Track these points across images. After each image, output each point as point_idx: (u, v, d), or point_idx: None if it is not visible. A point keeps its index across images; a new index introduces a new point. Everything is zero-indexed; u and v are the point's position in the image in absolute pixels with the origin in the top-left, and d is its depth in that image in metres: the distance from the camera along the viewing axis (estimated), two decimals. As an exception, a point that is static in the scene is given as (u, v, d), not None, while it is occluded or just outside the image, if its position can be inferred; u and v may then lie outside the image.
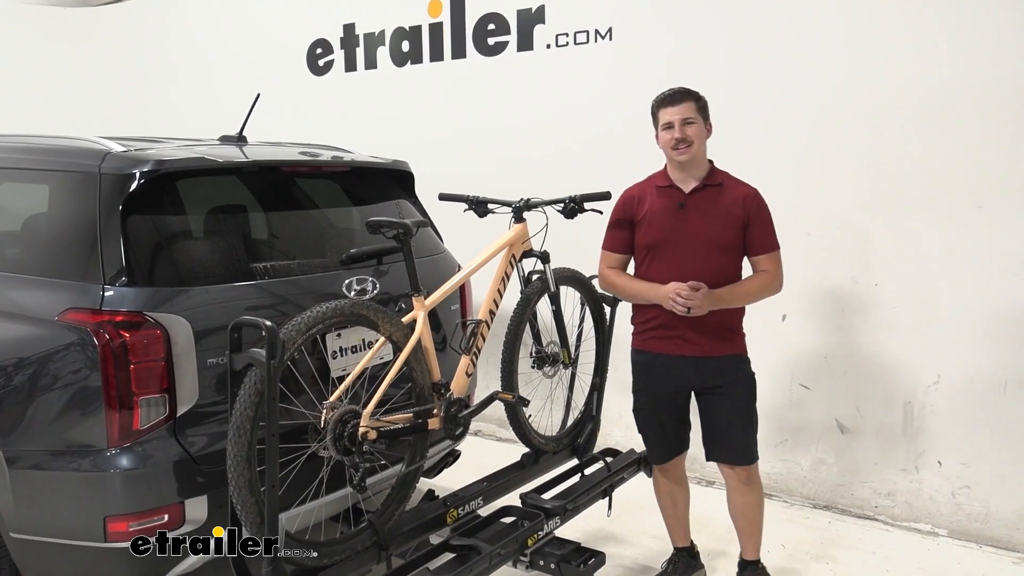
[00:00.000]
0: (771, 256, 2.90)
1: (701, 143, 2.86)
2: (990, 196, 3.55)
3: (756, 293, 2.90)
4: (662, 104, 2.89)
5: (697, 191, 2.89)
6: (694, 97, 2.87)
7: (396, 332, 2.55)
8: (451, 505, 2.80)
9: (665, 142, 2.88)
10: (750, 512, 3.04)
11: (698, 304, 2.75)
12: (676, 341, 2.92)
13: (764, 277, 2.89)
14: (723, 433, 2.96)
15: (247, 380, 2.12)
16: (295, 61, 5.93)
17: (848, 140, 3.86)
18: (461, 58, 5.13)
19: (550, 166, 4.81)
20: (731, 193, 2.88)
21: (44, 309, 2.46)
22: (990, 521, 3.67)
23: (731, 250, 2.88)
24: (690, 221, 2.87)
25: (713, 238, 2.85)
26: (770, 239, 2.90)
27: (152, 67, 6.97)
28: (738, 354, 2.96)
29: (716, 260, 2.85)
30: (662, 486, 3.21)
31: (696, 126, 2.83)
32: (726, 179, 2.92)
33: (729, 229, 2.85)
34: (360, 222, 3.24)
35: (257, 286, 2.64)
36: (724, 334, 2.91)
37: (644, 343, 3.03)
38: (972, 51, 3.53)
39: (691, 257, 2.85)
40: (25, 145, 2.96)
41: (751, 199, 2.88)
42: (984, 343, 3.63)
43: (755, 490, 3.02)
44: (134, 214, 2.48)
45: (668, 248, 2.89)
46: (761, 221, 2.87)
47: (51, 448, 2.41)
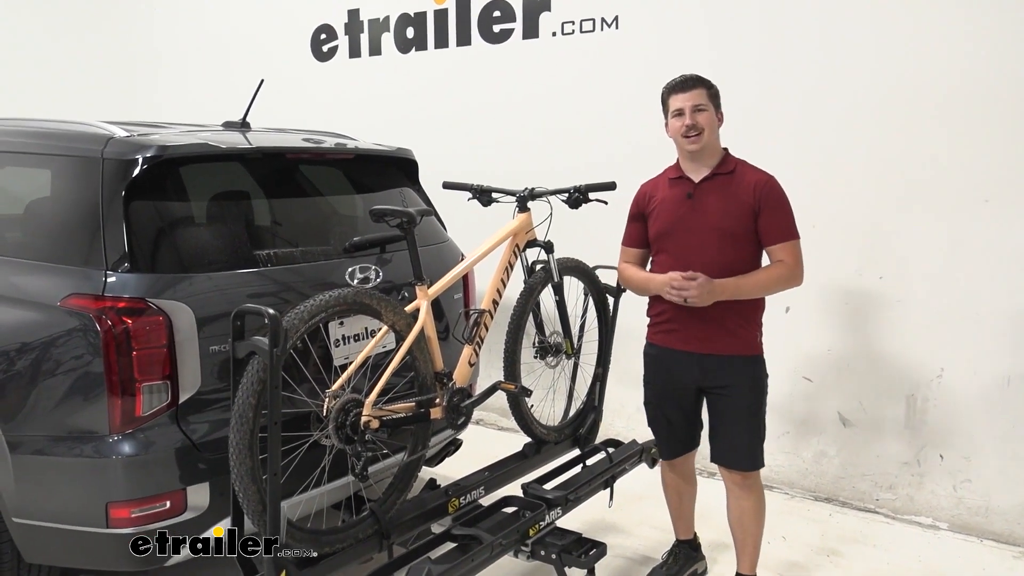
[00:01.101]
0: (787, 246, 2.72)
1: (712, 132, 2.76)
2: (997, 190, 3.53)
3: (769, 285, 2.73)
4: (672, 91, 2.79)
5: (706, 180, 2.78)
6: (705, 84, 2.77)
7: (399, 321, 2.54)
8: (453, 494, 2.80)
9: (675, 130, 2.78)
10: (745, 520, 2.91)
11: (695, 294, 2.62)
12: (682, 335, 2.83)
13: (779, 268, 2.72)
14: (724, 436, 2.86)
15: (250, 368, 2.12)
16: (299, 47, 5.90)
17: (854, 133, 3.84)
18: (466, 45, 5.10)
19: (555, 155, 4.79)
20: (742, 180, 2.75)
21: (46, 294, 2.46)
22: (991, 515, 3.68)
23: (742, 240, 2.73)
24: (697, 211, 2.77)
25: (720, 227, 2.72)
26: (785, 228, 2.73)
27: (159, 52, 6.94)
28: (749, 355, 2.81)
29: (726, 251, 2.72)
30: (669, 480, 3.17)
31: (707, 114, 2.73)
32: (739, 166, 2.80)
33: (738, 218, 2.71)
34: (363, 210, 3.23)
35: (260, 273, 2.63)
36: (734, 330, 2.77)
37: (654, 336, 2.97)
38: (978, 46, 3.50)
39: (698, 248, 2.74)
40: (28, 129, 2.94)
41: (762, 185, 2.73)
42: (988, 337, 3.61)
43: (753, 497, 2.89)
44: (137, 200, 2.47)
45: (675, 239, 2.80)
46: (774, 208, 2.72)
47: (53, 434, 2.41)
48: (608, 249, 3.42)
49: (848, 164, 3.86)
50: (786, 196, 2.76)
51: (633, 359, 4.40)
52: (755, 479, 2.88)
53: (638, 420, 4.61)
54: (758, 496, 2.91)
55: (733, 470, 2.87)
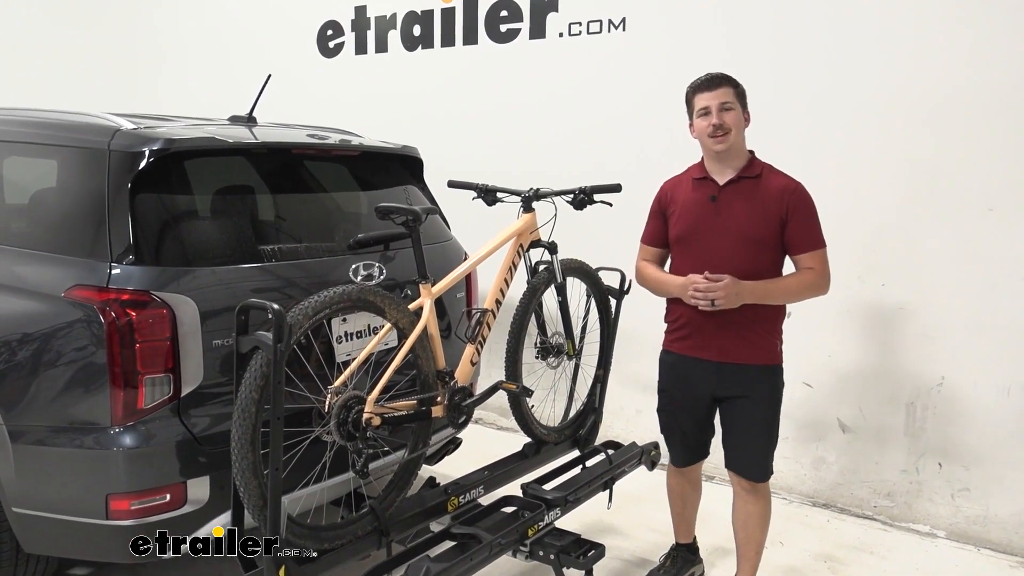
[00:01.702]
0: (815, 254, 2.67)
1: (739, 132, 2.68)
2: (1001, 199, 3.53)
3: (798, 291, 2.68)
4: (698, 89, 2.71)
5: (731, 183, 2.70)
6: (732, 83, 2.69)
7: (402, 319, 2.54)
8: (452, 493, 2.80)
9: (701, 130, 2.69)
10: (750, 525, 2.87)
11: (723, 296, 2.55)
12: (699, 343, 2.77)
13: (808, 275, 2.67)
14: (738, 444, 2.82)
15: (253, 363, 2.12)
16: (306, 43, 5.90)
17: (858, 140, 3.84)
18: (473, 44, 5.10)
19: (560, 156, 4.79)
20: (769, 185, 2.68)
21: (50, 285, 2.46)
22: (989, 524, 3.68)
23: (766, 247, 2.67)
24: (721, 215, 2.69)
25: (745, 233, 2.65)
26: (813, 236, 2.67)
27: (165, 47, 6.94)
28: (769, 364, 2.76)
29: (749, 258, 2.65)
30: (674, 485, 3.14)
31: (734, 113, 2.66)
32: (766, 171, 2.72)
33: (763, 224, 2.65)
34: (368, 207, 3.23)
35: (264, 268, 2.63)
36: (754, 340, 2.71)
37: (670, 343, 2.91)
38: (983, 53, 3.50)
39: (720, 253, 2.66)
40: (34, 119, 2.94)
41: (790, 192, 2.66)
42: (990, 346, 3.61)
43: (760, 502, 2.85)
44: (142, 192, 2.47)
45: (696, 243, 2.73)
46: (802, 217, 2.65)
47: (55, 424, 2.41)
48: (611, 251, 3.43)
49: (851, 170, 3.86)
50: (814, 203, 2.70)
51: (634, 361, 4.43)
52: (764, 486, 2.86)
53: (638, 422, 4.63)
54: (766, 503, 2.88)
55: (744, 478, 2.85)
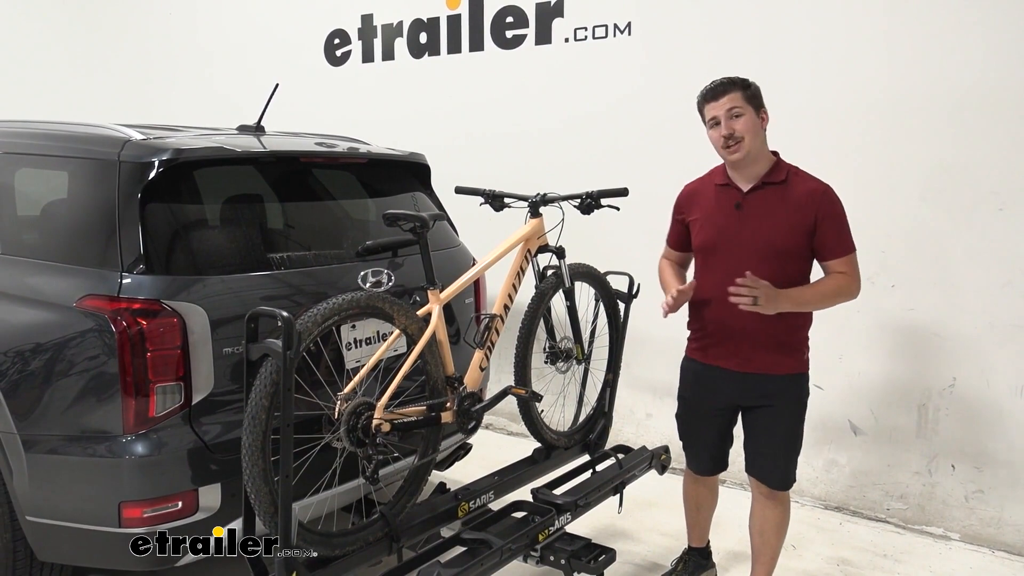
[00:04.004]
0: (847, 260, 2.60)
1: (755, 136, 2.56)
2: (1011, 198, 3.51)
3: (834, 296, 2.61)
4: (705, 99, 2.62)
5: (756, 190, 2.61)
6: (740, 85, 2.58)
7: (411, 325, 2.55)
8: (462, 499, 2.80)
9: (714, 140, 2.61)
10: (767, 531, 2.83)
11: (764, 296, 2.44)
12: (725, 351, 2.71)
13: (840, 279, 2.60)
14: (761, 452, 2.77)
15: (263, 370, 2.13)
16: (313, 51, 5.93)
17: (867, 140, 3.83)
18: (479, 51, 5.12)
19: (567, 161, 4.79)
20: (796, 191, 2.57)
21: (62, 295, 2.48)
22: (1003, 526, 3.65)
23: (793, 258, 2.59)
24: (747, 225, 2.60)
25: (772, 244, 2.57)
26: (845, 241, 2.60)
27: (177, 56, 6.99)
28: (795, 373, 2.70)
29: (776, 270, 2.55)
30: (690, 491, 3.11)
31: (746, 118, 2.54)
32: (792, 175, 2.62)
33: (791, 235, 2.56)
34: (376, 214, 3.24)
35: (273, 276, 2.65)
36: (782, 350, 2.66)
37: (693, 351, 2.87)
38: (991, 52, 3.49)
39: (746, 265, 2.53)
40: (45, 131, 2.97)
41: (820, 196, 2.56)
42: (1001, 347, 3.59)
43: (779, 508, 2.81)
44: (152, 202, 2.49)
45: (722, 254, 2.65)
46: (832, 222, 2.56)
47: (67, 433, 2.42)
48: (620, 255, 3.43)
49: (860, 171, 3.85)
50: (843, 206, 2.62)
51: (643, 365, 4.42)
52: (785, 494, 2.83)
53: (648, 426, 4.62)
54: (784, 510, 2.84)
55: (764, 484, 2.81)
